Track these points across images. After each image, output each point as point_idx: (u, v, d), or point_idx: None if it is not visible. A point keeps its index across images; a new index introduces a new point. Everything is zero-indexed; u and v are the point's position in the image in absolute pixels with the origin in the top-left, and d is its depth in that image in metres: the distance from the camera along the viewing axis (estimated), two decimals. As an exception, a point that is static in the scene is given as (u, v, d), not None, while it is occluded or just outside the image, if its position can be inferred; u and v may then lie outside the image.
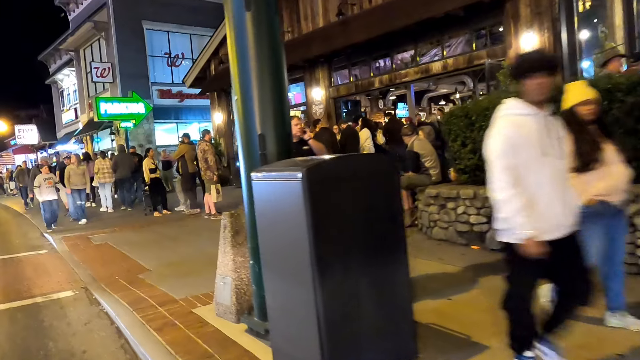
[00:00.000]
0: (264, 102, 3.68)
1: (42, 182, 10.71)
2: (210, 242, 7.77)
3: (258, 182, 3.16)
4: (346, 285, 2.77)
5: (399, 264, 3.03)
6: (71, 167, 11.56)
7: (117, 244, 8.61)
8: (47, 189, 10.73)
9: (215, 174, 9.99)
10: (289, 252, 2.84)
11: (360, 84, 13.20)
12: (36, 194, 10.85)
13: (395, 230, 3.05)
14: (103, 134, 27.71)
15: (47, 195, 10.72)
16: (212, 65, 17.89)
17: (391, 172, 3.09)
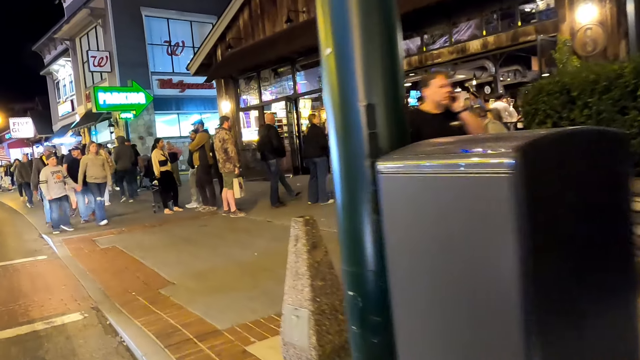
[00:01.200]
0: (371, 58, 2.43)
1: (50, 176, 9.10)
2: (238, 247, 6.63)
3: (395, 176, 1.92)
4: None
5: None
6: (89, 157, 9.84)
7: (127, 248, 7.37)
8: (56, 185, 9.15)
9: (237, 166, 8.74)
10: (471, 296, 1.61)
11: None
12: (42, 190, 9.24)
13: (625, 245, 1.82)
14: (101, 126, 26.33)
15: (56, 192, 9.16)
16: (218, 50, 16.54)
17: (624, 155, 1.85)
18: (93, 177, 9.65)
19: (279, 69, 15.39)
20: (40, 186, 9.18)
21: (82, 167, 9.63)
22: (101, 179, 9.84)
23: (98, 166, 9.81)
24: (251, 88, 16.59)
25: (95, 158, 9.87)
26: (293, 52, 13.52)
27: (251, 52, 14.79)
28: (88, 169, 9.64)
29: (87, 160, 9.78)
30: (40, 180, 9.13)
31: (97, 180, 9.73)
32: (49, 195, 9.09)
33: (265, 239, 6.92)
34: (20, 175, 15.04)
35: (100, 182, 9.82)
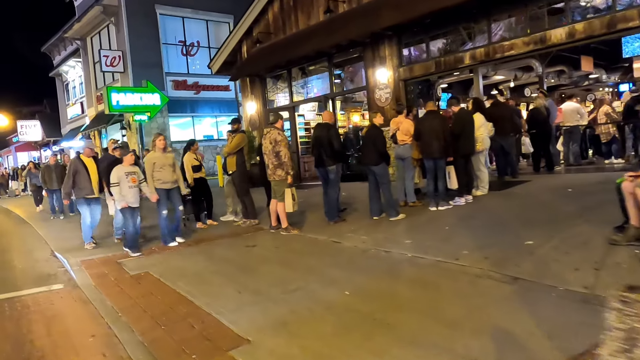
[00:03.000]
0: None
1: (124, 178, 6.87)
2: (315, 279, 4.92)
3: None
4: None
5: None
6: (155, 154, 7.38)
7: (164, 276, 5.72)
8: (132, 190, 6.92)
9: (290, 174, 7.10)
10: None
11: (443, 62, 10.31)
12: (115, 196, 6.95)
13: None
14: (113, 129, 24.71)
15: (132, 199, 6.97)
16: (244, 47, 14.94)
17: None
18: (161, 181, 7.29)
19: (313, 66, 13.79)
20: (112, 189, 6.97)
21: (149, 168, 7.31)
22: (171, 183, 7.42)
23: (167, 167, 7.36)
24: (280, 87, 14.99)
25: (164, 156, 7.40)
26: (332, 47, 11.92)
27: (282, 48, 13.19)
28: (155, 171, 7.31)
29: (154, 159, 7.31)
30: (111, 183, 6.93)
31: (165, 185, 7.33)
32: (123, 202, 6.87)
33: (344, 268, 5.27)
34: (45, 181, 12.09)
35: (169, 187, 7.39)
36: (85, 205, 7.86)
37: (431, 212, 7.29)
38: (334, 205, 7.52)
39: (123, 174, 6.89)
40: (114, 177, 6.91)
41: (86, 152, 8.06)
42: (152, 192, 7.17)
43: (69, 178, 7.69)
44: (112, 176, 6.94)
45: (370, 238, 6.33)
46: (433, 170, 7.41)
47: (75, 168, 7.71)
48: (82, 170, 7.74)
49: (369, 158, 7.25)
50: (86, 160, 7.90)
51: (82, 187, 7.75)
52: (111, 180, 6.95)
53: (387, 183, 7.19)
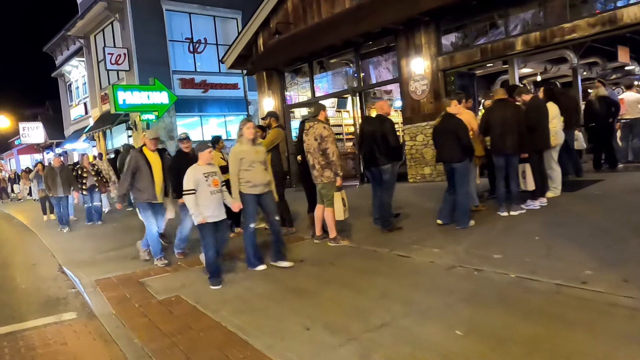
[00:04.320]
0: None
1: (202, 180, 4.97)
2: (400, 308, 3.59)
3: None
4: None
5: None
6: (243, 148, 5.30)
7: (201, 301, 4.56)
8: (214, 198, 5.01)
9: (340, 175, 5.93)
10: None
11: (489, 49, 9.15)
12: (190, 208, 4.99)
13: None
14: (117, 130, 23.51)
15: (214, 210, 5.02)
16: (260, 39, 13.76)
17: None
18: (251, 183, 5.24)
19: (335, 59, 12.64)
20: (185, 200, 5.02)
21: (235, 165, 5.22)
22: (262, 187, 5.36)
23: (258, 164, 5.29)
24: (298, 82, 13.83)
25: (254, 150, 5.30)
26: (360, 35, 10.75)
27: (304, 38, 12.02)
28: (243, 170, 5.25)
29: (242, 153, 5.23)
30: (185, 190, 4.95)
31: (255, 189, 5.28)
32: (200, 217, 4.89)
33: (431, 292, 4.10)
34: (48, 186, 10.05)
35: (260, 192, 5.34)
36: (149, 211, 6.16)
37: (504, 218, 6.13)
38: (388, 210, 6.35)
39: (201, 176, 4.92)
40: (189, 180, 4.89)
41: (150, 144, 6.15)
42: (236, 199, 5.23)
43: (127, 176, 6.01)
44: (186, 180, 4.92)
45: (445, 251, 5.17)
46: (504, 169, 6.25)
47: (137, 164, 5.94)
48: (144, 168, 5.96)
49: (450, 153, 6.06)
50: (150, 155, 6.08)
51: (143, 189, 6.01)
52: (185, 186, 4.93)
53: (464, 185, 6.03)
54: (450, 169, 6.18)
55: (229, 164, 5.42)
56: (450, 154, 6.03)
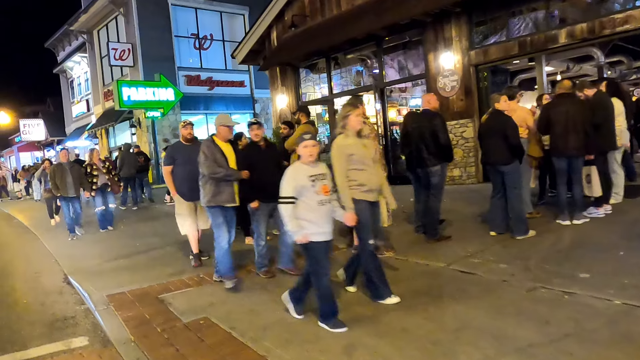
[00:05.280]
0: None
1: (309, 185, 3.47)
2: (497, 345, 2.95)
3: None
4: None
5: None
6: (348, 141, 3.86)
7: (236, 326, 3.80)
8: (323, 210, 3.53)
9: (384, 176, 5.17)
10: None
11: (528, 42, 8.42)
12: (288, 222, 3.50)
13: None
14: (120, 128, 22.72)
15: (324, 228, 3.55)
16: (273, 33, 13.00)
17: None
18: (364, 187, 3.89)
19: (352, 54, 11.90)
20: (281, 210, 3.54)
21: (340, 163, 3.83)
22: (377, 192, 4.05)
23: (369, 162, 3.97)
24: (311, 78, 13.09)
25: (362, 144, 3.97)
26: (384, 28, 10.01)
27: (323, 32, 11.27)
28: (352, 169, 3.85)
29: (348, 147, 3.84)
30: (283, 198, 3.52)
31: (369, 195, 3.93)
32: (303, 234, 3.48)
33: (516, 320, 3.35)
34: (55, 185, 8.45)
35: (375, 199, 4.04)
36: (221, 218, 4.83)
37: (567, 228, 5.40)
38: (435, 217, 5.60)
39: (307, 180, 3.45)
40: (289, 185, 3.47)
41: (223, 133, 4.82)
42: (349, 207, 3.73)
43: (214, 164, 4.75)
44: (285, 184, 3.49)
45: (515, 267, 4.42)
46: (566, 172, 5.52)
47: (213, 157, 4.73)
48: (221, 162, 4.74)
49: (497, 155, 5.32)
50: (223, 146, 4.81)
51: (220, 188, 4.77)
52: (283, 191, 3.49)
53: (518, 189, 5.29)
54: (497, 172, 5.44)
55: (334, 162, 3.86)
56: (497, 156, 5.29)
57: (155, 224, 9.71)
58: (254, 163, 4.83)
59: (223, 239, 4.82)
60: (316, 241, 3.50)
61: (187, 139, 5.82)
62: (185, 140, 5.83)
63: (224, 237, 4.83)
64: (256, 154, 4.93)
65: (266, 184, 4.66)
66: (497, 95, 5.72)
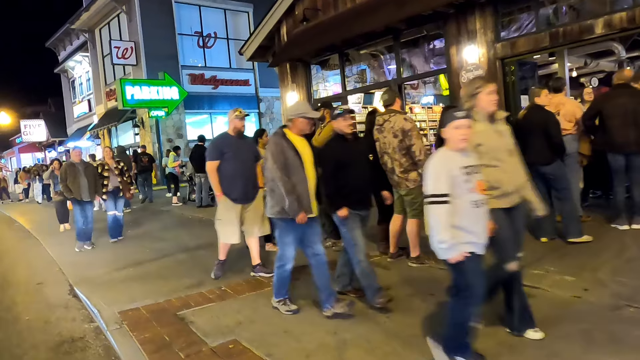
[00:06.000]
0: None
1: (461, 179, 2.57)
2: None
3: None
4: None
5: None
6: (482, 127, 2.92)
7: (273, 353, 3.23)
8: (478, 212, 2.63)
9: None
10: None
11: (561, 33, 7.84)
12: (436, 224, 2.54)
13: None
14: (123, 128, 22.16)
15: (481, 232, 2.67)
16: (283, 28, 12.41)
17: None
18: (500, 190, 2.92)
19: (370, 48, 11.33)
20: (431, 212, 2.59)
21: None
22: (516, 195, 3.03)
23: (506, 155, 3.00)
24: (323, 75, 12.52)
25: (496, 131, 2.99)
26: (402, 21, 9.43)
27: (335, 25, 10.68)
28: (489, 167, 2.87)
29: (480, 136, 2.86)
30: (432, 196, 2.57)
31: (505, 200, 2.96)
32: (459, 251, 2.58)
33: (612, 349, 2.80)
34: (66, 187, 7.40)
35: (511, 204, 3.01)
36: (291, 232, 3.85)
37: (626, 233, 4.85)
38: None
39: (460, 172, 2.60)
40: (440, 178, 2.58)
41: (301, 126, 3.80)
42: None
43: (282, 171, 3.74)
44: (434, 177, 2.61)
45: (584, 280, 3.86)
46: (624, 171, 4.96)
47: (284, 155, 3.72)
48: (293, 160, 3.73)
49: (537, 154, 4.76)
50: (297, 141, 3.79)
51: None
52: (432, 187, 2.60)
53: (567, 189, 4.73)
54: (537, 173, 4.87)
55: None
56: (537, 155, 4.72)
57: (162, 227, 9.14)
58: (341, 161, 3.82)
59: (287, 259, 3.90)
60: (471, 257, 2.62)
61: (240, 133, 5.01)
62: (236, 134, 5.00)
63: (288, 257, 3.90)
64: (344, 150, 3.88)
65: (357, 186, 3.85)
66: (537, 89, 5.16)
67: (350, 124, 3.89)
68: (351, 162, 3.83)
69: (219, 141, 5.00)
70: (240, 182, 4.86)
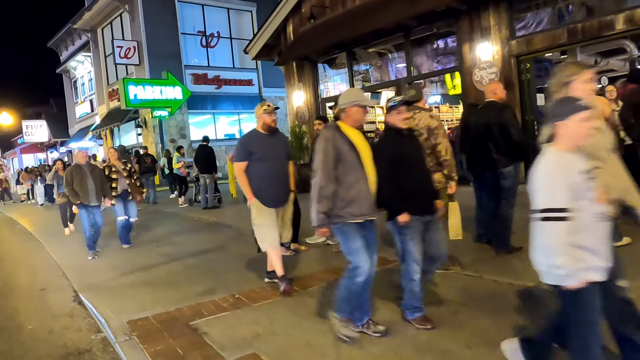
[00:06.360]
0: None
1: (582, 187, 2.07)
2: None
3: None
4: None
5: None
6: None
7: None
8: (601, 228, 2.13)
9: (455, 179, 4.34)
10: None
11: (580, 29, 7.58)
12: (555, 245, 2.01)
13: None
14: (125, 128, 21.92)
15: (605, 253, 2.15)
16: (289, 26, 12.16)
17: None
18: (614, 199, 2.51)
19: (380, 46, 11.07)
20: (545, 232, 2.05)
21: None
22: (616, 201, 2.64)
23: (603, 149, 2.65)
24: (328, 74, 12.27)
25: (599, 127, 2.57)
26: (413, 18, 9.19)
27: (344, 23, 10.43)
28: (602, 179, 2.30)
29: None
30: (547, 210, 2.03)
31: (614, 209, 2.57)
32: (578, 280, 2.06)
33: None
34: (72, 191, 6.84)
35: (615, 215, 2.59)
36: (359, 239, 3.20)
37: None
38: (507, 226, 4.76)
39: (579, 177, 2.05)
40: (561, 187, 2.02)
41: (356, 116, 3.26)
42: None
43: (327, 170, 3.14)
44: (550, 185, 2.05)
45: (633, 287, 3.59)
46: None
47: (337, 150, 3.15)
48: (349, 155, 3.17)
49: None
50: (353, 135, 3.24)
51: (353, 195, 3.16)
52: (549, 199, 2.04)
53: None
54: None
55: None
56: None
57: (168, 230, 8.88)
58: (399, 158, 3.29)
59: (362, 270, 3.14)
60: (591, 284, 2.09)
61: (270, 129, 4.46)
62: (266, 130, 4.45)
63: (363, 267, 3.15)
64: (401, 146, 3.35)
65: (418, 187, 3.34)
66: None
67: (405, 117, 3.39)
68: (409, 159, 3.33)
69: (247, 140, 4.49)
70: (272, 185, 4.39)
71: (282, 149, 4.58)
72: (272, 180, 4.37)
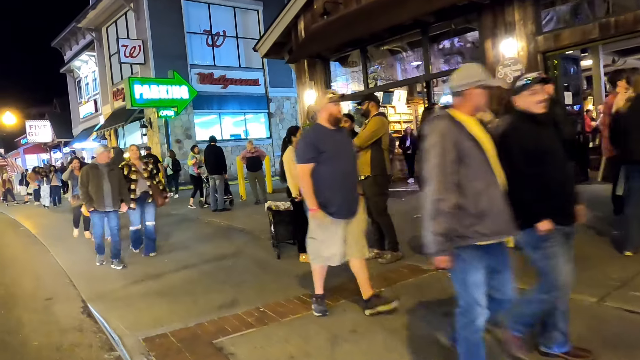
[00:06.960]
0: None
1: None
2: None
3: None
4: None
5: None
6: None
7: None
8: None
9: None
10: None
11: (613, 23, 7.15)
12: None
13: None
14: (130, 129, 21.50)
15: None
16: (300, 23, 11.73)
17: None
18: None
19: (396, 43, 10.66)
20: None
21: None
22: None
23: None
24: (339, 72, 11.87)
25: None
26: (432, 13, 8.77)
27: (358, 19, 10.00)
28: None
29: None
30: None
31: None
32: None
33: None
34: (85, 194, 6.08)
35: None
36: (480, 267, 2.34)
37: None
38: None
39: None
40: None
41: (475, 99, 2.36)
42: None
43: (444, 169, 2.27)
44: None
45: None
46: None
47: (459, 147, 2.31)
48: (472, 151, 2.31)
49: None
50: (471, 125, 2.36)
51: (483, 206, 2.29)
52: None
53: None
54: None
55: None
56: None
57: (178, 234, 8.45)
58: (535, 151, 2.53)
59: (479, 312, 2.34)
60: None
61: (337, 122, 3.67)
62: (333, 124, 3.64)
63: (480, 308, 2.34)
64: (537, 136, 2.56)
65: (560, 188, 2.56)
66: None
67: (542, 99, 2.56)
68: (548, 152, 2.54)
69: (314, 136, 3.63)
70: (342, 191, 3.56)
71: (350, 147, 3.84)
72: (342, 187, 3.56)
